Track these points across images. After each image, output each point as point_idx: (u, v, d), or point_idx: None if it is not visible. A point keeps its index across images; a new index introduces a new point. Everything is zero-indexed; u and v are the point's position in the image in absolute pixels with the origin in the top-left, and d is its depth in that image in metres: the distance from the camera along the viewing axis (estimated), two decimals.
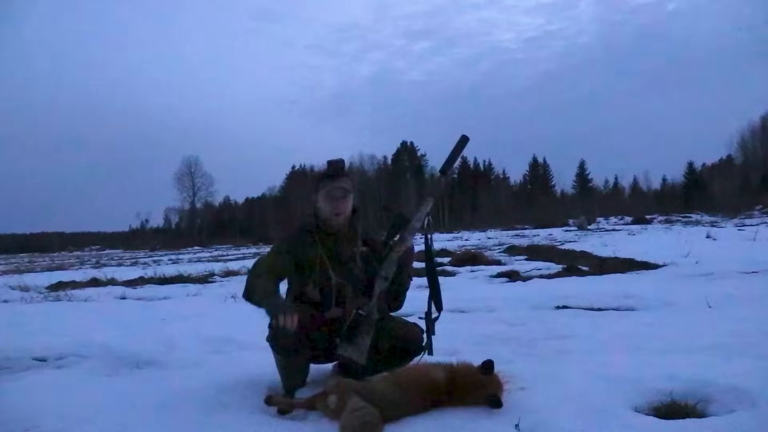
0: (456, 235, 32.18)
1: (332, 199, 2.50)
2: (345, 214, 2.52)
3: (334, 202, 2.50)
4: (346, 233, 2.55)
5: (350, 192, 2.53)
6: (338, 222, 2.52)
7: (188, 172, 65.46)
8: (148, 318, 4.94)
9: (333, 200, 2.50)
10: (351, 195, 2.54)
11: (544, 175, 71.70)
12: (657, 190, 66.83)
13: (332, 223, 2.51)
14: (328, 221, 2.52)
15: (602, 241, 14.63)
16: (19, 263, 28.89)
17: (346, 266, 2.51)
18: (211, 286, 8.58)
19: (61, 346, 3.40)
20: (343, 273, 2.50)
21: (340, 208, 2.50)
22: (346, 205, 2.52)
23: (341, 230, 2.54)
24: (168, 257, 26.82)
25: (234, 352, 3.37)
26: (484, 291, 5.91)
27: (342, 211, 2.51)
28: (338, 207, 2.50)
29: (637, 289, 4.86)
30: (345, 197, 2.51)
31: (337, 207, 2.50)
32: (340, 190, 2.50)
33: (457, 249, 14.57)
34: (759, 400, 1.91)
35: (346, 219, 2.54)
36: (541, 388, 2.14)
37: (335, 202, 2.50)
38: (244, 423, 2.05)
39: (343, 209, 2.51)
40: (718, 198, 47.72)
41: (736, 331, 3.09)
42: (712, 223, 23.64)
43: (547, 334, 3.42)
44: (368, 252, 2.57)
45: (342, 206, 2.51)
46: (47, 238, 79.38)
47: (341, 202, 2.51)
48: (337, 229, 2.52)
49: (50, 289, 8.81)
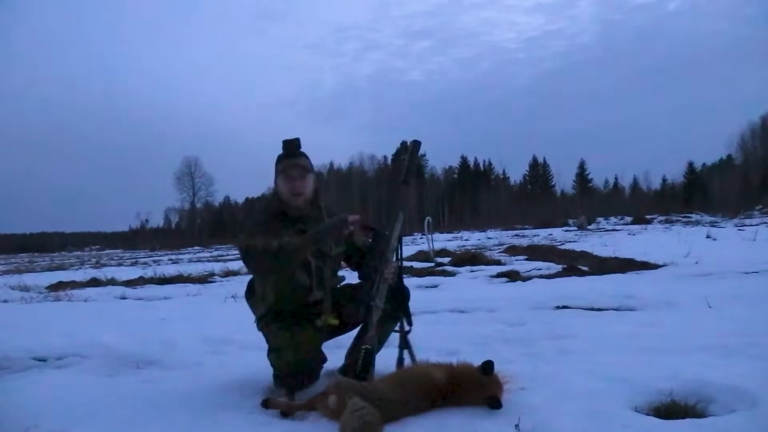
0: (456, 235, 32.18)
1: (289, 178, 2.40)
2: (305, 195, 2.43)
3: (291, 181, 2.40)
4: (310, 213, 2.47)
5: (309, 171, 2.44)
6: (297, 203, 2.42)
7: (188, 172, 65.65)
8: (148, 318, 4.94)
9: (290, 180, 2.40)
10: (310, 174, 2.45)
11: (544, 175, 71.70)
12: (657, 190, 66.87)
13: (292, 204, 2.42)
14: (287, 203, 2.42)
15: (602, 241, 14.64)
16: (19, 263, 28.90)
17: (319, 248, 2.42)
18: (211, 286, 8.57)
19: (61, 346, 3.40)
20: (318, 254, 2.42)
21: (298, 188, 2.40)
22: (304, 184, 2.42)
23: (306, 212, 2.45)
24: (168, 257, 26.82)
25: (234, 352, 3.37)
26: (484, 291, 5.90)
27: (300, 191, 2.41)
28: (296, 187, 2.40)
29: (637, 289, 4.85)
30: (303, 176, 2.41)
31: (294, 187, 2.40)
32: (297, 168, 2.41)
33: (457, 249, 14.56)
34: (759, 400, 1.91)
35: (307, 200, 2.45)
36: (541, 388, 2.14)
37: (292, 181, 2.40)
38: (243, 423, 2.05)
39: (302, 189, 2.41)
40: (718, 198, 47.72)
41: (736, 331, 3.09)
42: (712, 223, 23.65)
43: (547, 334, 3.41)
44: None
45: (300, 186, 2.41)
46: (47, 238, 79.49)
47: (299, 181, 2.41)
48: (298, 211, 2.43)
49: (50, 289, 8.81)
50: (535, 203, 58.97)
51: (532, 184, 71.51)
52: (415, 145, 2.61)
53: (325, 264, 2.44)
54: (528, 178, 72.78)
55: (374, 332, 2.33)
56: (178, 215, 74.86)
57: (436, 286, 6.64)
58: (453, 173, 73.40)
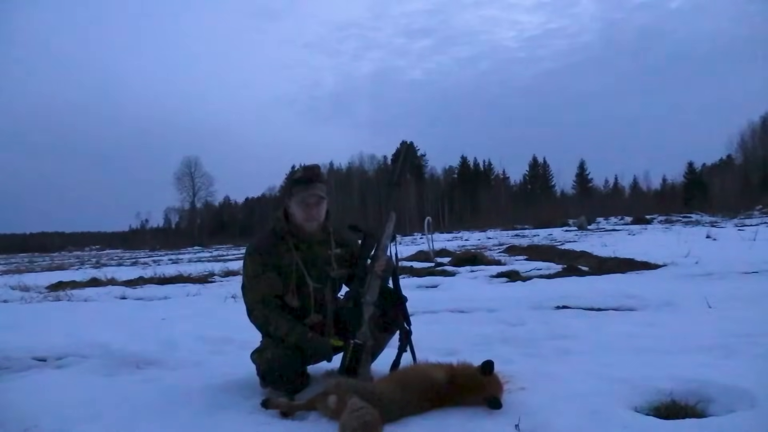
0: (456, 235, 32.19)
1: (306, 206, 2.46)
2: (318, 221, 2.50)
3: (308, 209, 2.47)
4: (319, 236, 2.54)
5: (324, 198, 2.50)
6: (311, 228, 2.49)
7: (188, 172, 65.67)
8: (148, 318, 4.95)
9: (307, 207, 2.47)
10: (325, 201, 2.52)
11: (544, 175, 71.72)
12: (657, 190, 66.90)
13: (305, 229, 2.49)
14: (300, 227, 2.49)
15: (602, 241, 14.63)
16: (19, 263, 28.90)
17: (322, 270, 2.51)
18: (211, 286, 8.57)
19: (61, 346, 3.40)
20: (320, 277, 2.50)
21: (314, 215, 2.48)
22: (320, 211, 2.50)
23: (314, 235, 2.52)
24: (168, 257, 26.82)
25: (234, 352, 3.37)
26: (484, 291, 5.90)
27: (315, 217, 2.49)
28: (312, 214, 2.47)
29: (637, 289, 4.85)
30: (319, 204, 2.48)
31: (311, 214, 2.47)
32: (315, 197, 2.47)
33: (457, 249, 14.56)
34: (759, 400, 1.91)
35: (319, 225, 2.52)
36: (541, 388, 2.14)
37: (309, 209, 2.47)
38: (244, 423, 2.06)
39: (317, 216, 2.49)
40: (718, 198, 47.69)
41: (736, 331, 3.09)
42: (712, 223, 23.62)
43: (547, 334, 3.41)
44: (343, 253, 2.58)
45: (316, 213, 2.49)
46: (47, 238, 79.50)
47: (315, 208, 2.48)
48: (309, 235, 2.50)
49: (50, 289, 8.82)
50: (535, 203, 58.98)
51: (532, 184, 71.52)
52: (408, 147, 2.64)
53: (325, 286, 2.50)
54: (528, 178, 72.81)
55: (366, 328, 2.35)
56: (178, 215, 75.02)
57: (436, 286, 6.64)
58: (453, 173, 73.42)
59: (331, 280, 2.51)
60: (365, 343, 2.34)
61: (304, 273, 2.47)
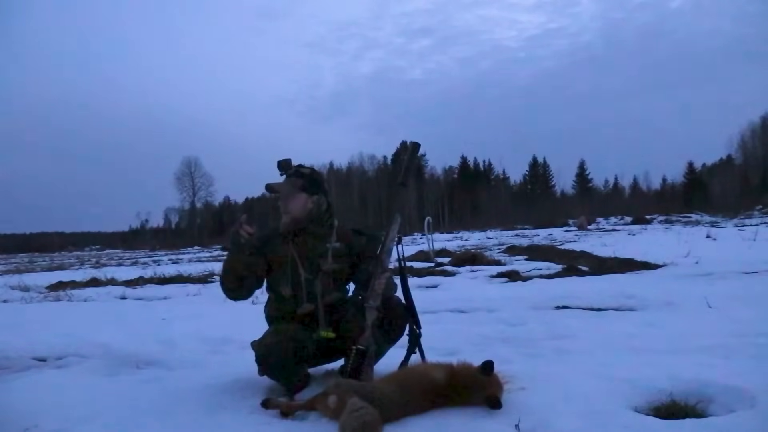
0: (456, 235, 32.16)
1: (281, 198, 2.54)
2: (291, 214, 2.53)
3: (281, 201, 2.54)
4: (318, 230, 2.56)
5: (297, 191, 2.52)
6: (285, 221, 2.54)
7: (188, 172, 65.54)
8: (148, 318, 4.94)
9: (281, 200, 2.54)
10: (301, 194, 2.52)
11: (544, 175, 71.69)
12: (657, 190, 66.91)
13: (283, 221, 2.55)
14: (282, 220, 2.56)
15: (602, 241, 14.63)
16: (19, 263, 28.87)
17: (315, 262, 2.53)
18: (211, 286, 8.56)
19: (61, 346, 3.40)
20: (312, 269, 2.52)
21: (286, 209, 2.53)
22: (291, 204, 2.52)
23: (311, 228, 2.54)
24: (168, 257, 26.82)
25: (234, 352, 3.37)
26: (484, 291, 5.90)
27: (287, 210, 2.53)
28: (283, 206, 2.54)
29: (637, 289, 4.85)
30: (289, 196, 2.52)
31: (283, 205, 2.54)
32: (283, 188, 2.53)
33: (457, 249, 14.56)
34: (759, 400, 1.91)
35: (296, 219, 2.53)
36: (541, 388, 2.14)
37: (282, 201, 2.54)
38: (243, 423, 2.06)
39: (290, 209, 2.52)
40: (718, 198, 47.74)
41: (736, 331, 3.09)
42: (712, 223, 23.63)
43: (547, 334, 3.41)
44: (342, 247, 2.59)
45: (283, 206, 2.54)
46: (47, 238, 79.38)
47: (282, 201, 2.54)
48: (285, 228, 2.54)
49: (50, 289, 8.81)
50: (535, 203, 58.99)
51: (532, 184, 71.48)
52: (414, 147, 2.64)
53: (316, 277, 2.52)
54: (528, 178, 72.77)
55: (369, 333, 2.34)
56: (178, 215, 74.90)
57: (436, 286, 6.64)
58: (453, 173, 73.40)
59: (321, 272, 2.52)
60: (368, 348, 2.33)
61: (298, 264, 2.50)
